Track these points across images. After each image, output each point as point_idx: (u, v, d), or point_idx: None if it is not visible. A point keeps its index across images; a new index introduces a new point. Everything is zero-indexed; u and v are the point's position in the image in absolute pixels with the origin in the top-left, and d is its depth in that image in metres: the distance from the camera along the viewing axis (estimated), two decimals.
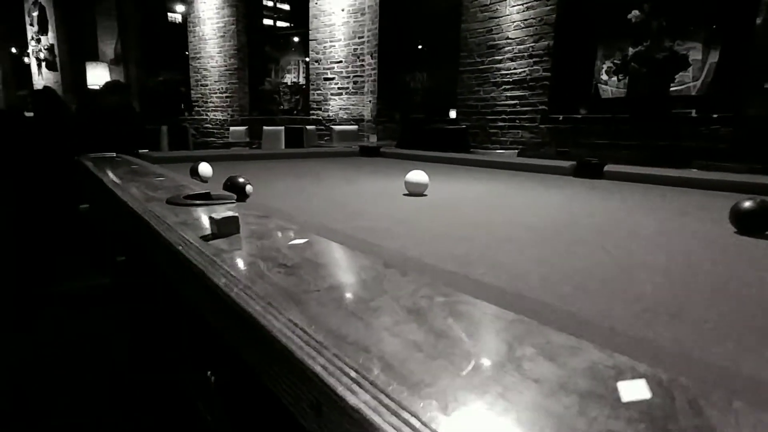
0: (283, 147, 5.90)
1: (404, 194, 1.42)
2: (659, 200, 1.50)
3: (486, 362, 0.29)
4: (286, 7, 8.51)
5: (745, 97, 3.62)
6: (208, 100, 8.48)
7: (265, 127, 6.90)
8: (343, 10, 6.60)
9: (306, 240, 0.59)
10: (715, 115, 3.76)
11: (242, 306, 0.40)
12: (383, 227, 1.02)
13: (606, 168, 1.95)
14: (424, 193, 1.41)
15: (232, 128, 7.83)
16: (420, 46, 6.88)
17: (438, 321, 0.36)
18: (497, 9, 4.88)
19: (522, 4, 4.67)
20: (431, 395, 0.25)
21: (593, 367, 0.29)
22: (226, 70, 8.10)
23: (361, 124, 6.78)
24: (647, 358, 0.31)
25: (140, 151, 2.12)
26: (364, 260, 0.50)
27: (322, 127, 7.00)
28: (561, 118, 4.56)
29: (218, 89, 8.29)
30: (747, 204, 0.99)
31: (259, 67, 8.26)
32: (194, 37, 8.41)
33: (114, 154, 1.95)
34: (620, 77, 4.20)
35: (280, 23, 9.05)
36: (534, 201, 1.48)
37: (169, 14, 9.76)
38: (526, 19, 4.66)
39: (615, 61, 4.11)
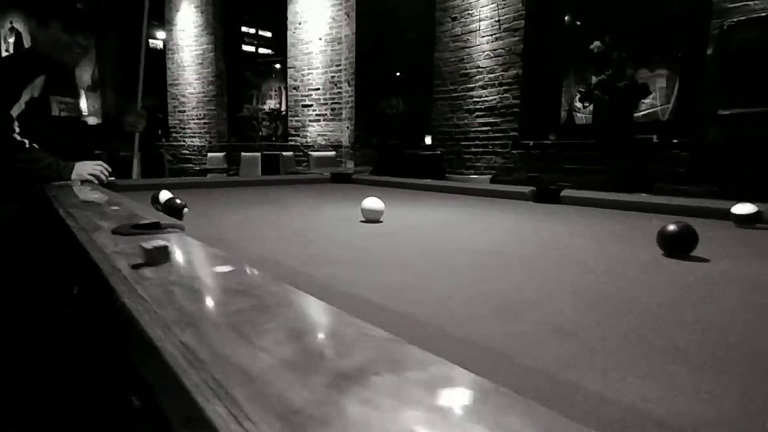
0: (260, 173, 5.93)
1: (361, 221, 1.47)
2: (604, 224, 1.58)
3: (344, 379, 0.33)
4: (268, 34, 8.69)
5: (702, 123, 3.81)
6: (186, 126, 8.51)
7: (243, 154, 6.95)
8: (320, 39, 6.77)
9: (231, 269, 0.63)
10: (675, 141, 3.94)
11: (144, 328, 0.44)
12: (328, 255, 1.06)
13: (562, 193, 2.04)
14: (380, 219, 1.46)
15: (209, 154, 7.85)
16: (398, 74, 7.08)
17: (314, 343, 0.40)
18: (468, 39, 5.08)
19: (491, 35, 4.87)
20: (297, 415, 0.29)
21: (431, 380, 0.33)
22: (204, 96, 8.17)
23: (338, 150, 6.87)
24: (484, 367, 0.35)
25: (109, 178, 2.13)
26: (276, 287, 0.55)
27: (300, 153, 7.07)
28: (531, 144, 4.71)
29: (196, 115, 8.34)
30: (671, 228, 1.06)
31: (240, 93, 8.36)
32: (172, 64, 8.49)
33: (79, 182, 1.96)
34: (585, 104, 4.39)
35: (262, 50, 9.22)
36: (486, 227, 1.55)
37: (151, 41, 9.80)
38: (495, 49, 4.85)
39: (580, 89, 4.31)
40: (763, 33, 3.22)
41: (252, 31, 8.90)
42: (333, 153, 6.75)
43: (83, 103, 9.02)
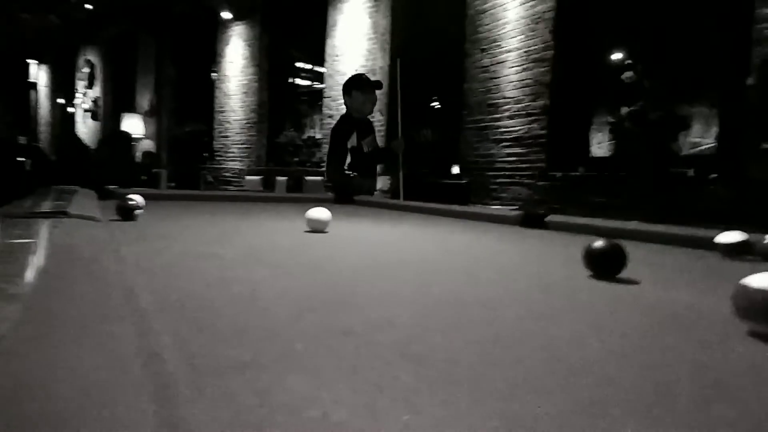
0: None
1: (306, 231, 1.48)
2: (570, 249, 1.49)
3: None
4: (323, 69, 9.11)
5: (744, 158, 3.56)
6: (228, 150, 8.96)
7: (278, 178, 7.22)
8: (356, 70, 7.00)
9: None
10: (713, 176, 3.69)
11: None
12: (243, 261, 1.07)
13: (548, 219, 1.96)
14: (325, 230, 1.46)
15: (247, 177, 8.20)
16: (435, 104, 7.16)
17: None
18: (495, 70, 5.08)
19: (519, 66, 4.84)
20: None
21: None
22: (246, 123, 8.61)
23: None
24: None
25: (108, 186, 2.28)
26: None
27: None
28: (559, 176, 4.56)
29: (238, 140, 8.78)
30: (595, 245, 0.99)
31: (282, 121, 8.74)
32: (220, 92, 9.06)
33: (74, 188, 2.11)
34: (616, 135, 4.23)
35: (317, 84, 9.64)
36: (431, 243, 1.51)
37: (212, 74, 10.43)
38: (522, 80, 4.81)
39: (611, 119, 4.16)
40: None
41: (308, 66, 9.34)
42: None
43: (140, 126, 9.75)
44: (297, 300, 0.74)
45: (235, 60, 8.76)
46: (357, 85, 3.58)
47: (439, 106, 6.89)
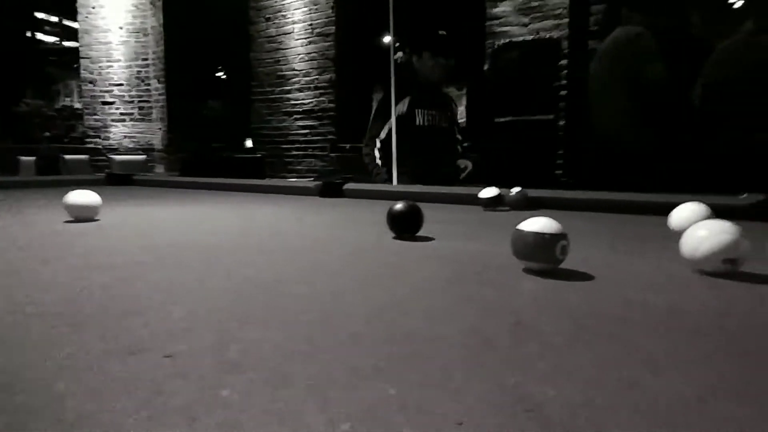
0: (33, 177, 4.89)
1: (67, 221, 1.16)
2: (370, 214, 1.54)
3: None
4: (76, 25, 7.29)
5: (486, 130, 4.27)
6: None
7: (22, 157, 5.67)
8: (121, 28, 5.91)
9: None
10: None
11: None
12: None
13: (345, 187, 1.99)
14: (95, 217, 1.17)
15: None
16: (220, 74, 6.58)
17: None
18: (282, 41, 4.93)
19: (305, 39, 4.80)
20: None
21: None
22: None
23: (150, 155, 6.08)
24: None
25: None
26: None
27: (103, 158, 6.07)
28: (348, 147, 4.75)
29: None
30: (396, 208, 1.02)
31: (39, 86, 6.85)
32: None
33: None
34: None
35: (67, 43, 7.69)
36: (232, 221, 1.38)
37: None
38: (309, 53, 4.79)
39: None
40: (520, 54, 3.75)
41: (54, 19, 7.41)
42: (143, 157, 5.93)
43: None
44: (57, 313, 0.55)
45: None
46: (429, 45, 2.71)
47: (226, 77, 6.39)
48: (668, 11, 2.41)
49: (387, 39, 2.73)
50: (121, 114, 6.16)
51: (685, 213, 1.01)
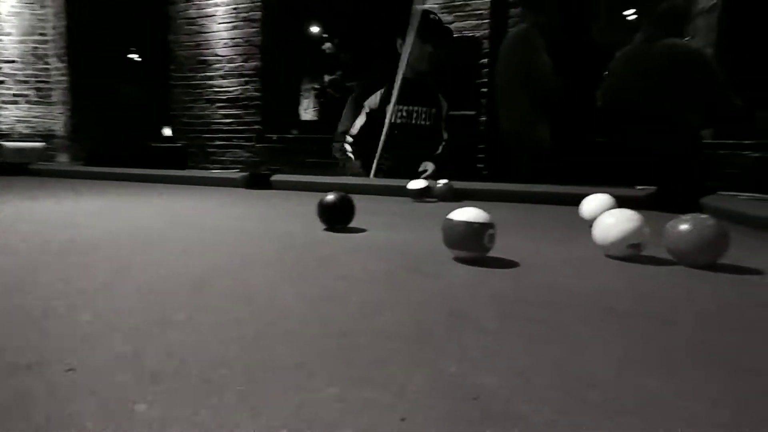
0: None
1: None
2: (299, 206, 1.50)
3: None
4: None
5: None
6: None
7: None
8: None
9: None
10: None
11: None
12: None
13: (273, 178, 1.92)
14: None
15: None
16: (129, 55, 6.02)
17: None
18: (204, 24, 4.64)
19: (229, 23, 4.56)
20: None
21: None
22: None
23: (51, 142, 5.46)
24: None
25: None
26: None
27: None
28: (275, 138, 4.60)
29: None
30: (328, 199, 0.99)
31: None
32: None
33: None
34: (321, 101, 4.52)
35: None
36: (152, 215, 1.28)
37: None
38: (234, 38, 4.56)
39: (315, 86, 4.40)
40: (445, 51, 3.86)
41: None
42: (41, 144, 5.32)
43: None
44: None
45: None
46: (420, 29, 2.21)
47: (140, 59, 5.89)
48: (567, 15, 2.58)
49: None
50: (14, 95, 5.47)
51: (594, 203, 1.09)
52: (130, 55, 5.90)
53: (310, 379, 0.34)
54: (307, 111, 5.04)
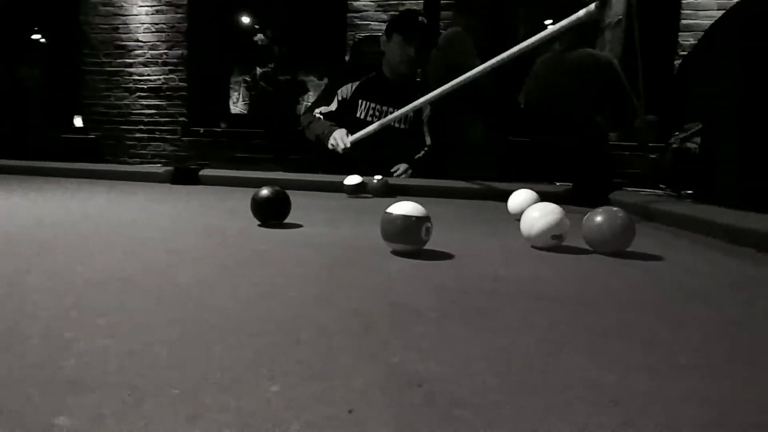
0: None
1: None
2: (230, 201, 1.44)
3: None
4: None
5: None
6: None
7: None
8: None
9: None
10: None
11: None
12: None
13: (201, 173, 1.82)
14: None
15: None
16: (38, 36, 5.41)
17: None
18: (123, 6, 4.29)
19: (150, 6, 4.25)
20: None
21: None
22: None
23: None
24: None
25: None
26: None
27: None
28: (203, 131, 4.37)
29: None
30: (262, 194, 0.96)
31: None
32: None
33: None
34: (252, 93, 4.36)
35: None
36: (69, 212, 1.16)
37: None
38: (156, 23, 4.26)
39: (246, 78, 4.24)
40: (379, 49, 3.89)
41: None
42: None
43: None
44: None
45: None
46: (402, 28, 2.08)
47: (45, 41, 5.31)
48: (493, 19, 2.70)
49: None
50: None
51: (520, 198, 1.15)
52: (33, 36, 5.30)
53: (250, 378, 0.33)
54: (237, 104, 4.85)
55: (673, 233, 1.03)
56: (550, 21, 4.30)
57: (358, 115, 2.12)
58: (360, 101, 2.12)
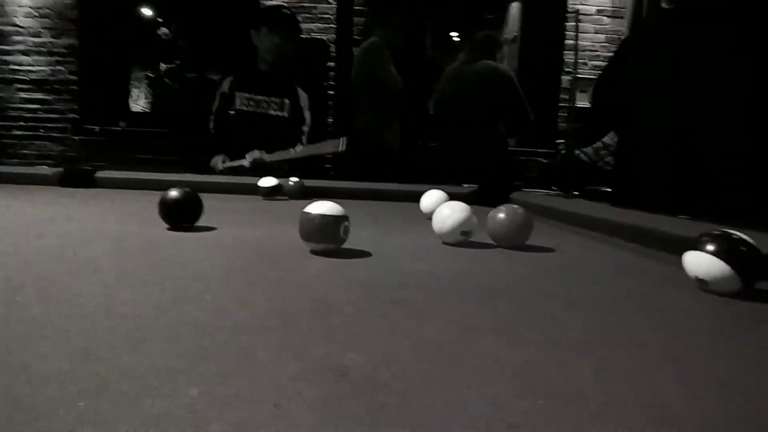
0: None
1: None
2: (133, 204, 1.33)
3: None
4: None
5: None
6: None
7: None
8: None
9: None
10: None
11: None
12: None
13: (97, 175, 1.66)
14: None
15: None
16: None
17: None
18: None
19: None
20: None
21: None
22: None
23: None
24: None
25: None
26: None
27: None
28: (98, 130, 3.96)
29: None
30: (171, 195, 0.90)
31: None
32: None
33: None
34: (156, 91, 4.05)
35: None
36: None
37: None
38: (39, 8, 3.78)
39: (149, 74, 3.92)
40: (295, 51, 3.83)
41: None
42: None
43: None
44: None
45: None
46: (267, 20, 2.25)
47: None
48: (407, 31, 2.82)
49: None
50: None
51: (431, 198, 1.20)
52: None
53: (166, 383, 0.31)
54: (139, 101, 4.46)
55: (565, 229, 1.15)
56: (456, 33, 4.55)
57: (237, 106, 2.24)
58: (236, 93, 2.25)
